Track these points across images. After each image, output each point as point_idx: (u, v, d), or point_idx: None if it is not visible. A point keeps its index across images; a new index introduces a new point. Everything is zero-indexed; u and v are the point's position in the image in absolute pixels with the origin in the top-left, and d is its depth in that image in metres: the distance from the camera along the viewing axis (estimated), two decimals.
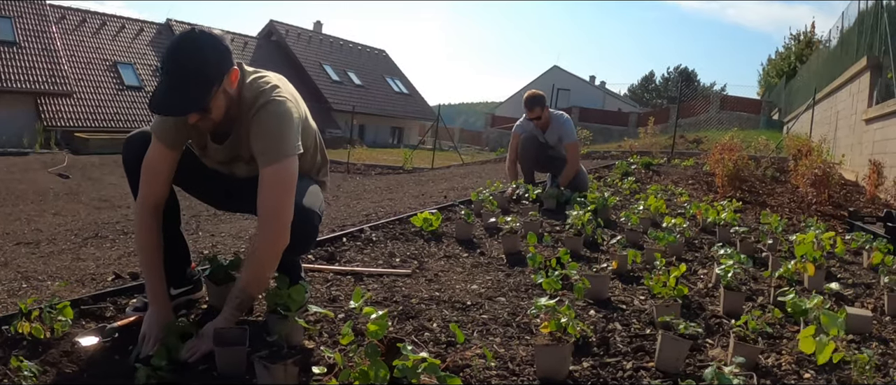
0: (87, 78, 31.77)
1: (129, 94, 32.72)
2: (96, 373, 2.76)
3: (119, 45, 35.65)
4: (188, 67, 2.81)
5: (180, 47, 2.83)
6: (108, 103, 31.47)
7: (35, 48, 28.82)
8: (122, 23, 37.54)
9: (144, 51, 36.51)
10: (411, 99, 50.57)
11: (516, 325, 3.49)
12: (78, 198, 13.95)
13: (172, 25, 39.80)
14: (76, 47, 33.09)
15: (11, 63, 27.39)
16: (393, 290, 4.01)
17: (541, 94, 8.21)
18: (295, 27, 48.02)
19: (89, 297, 3.63)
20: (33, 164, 19.44)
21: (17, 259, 5.93)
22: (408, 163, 21.16)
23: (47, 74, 28.06)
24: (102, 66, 33.39)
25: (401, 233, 5.67)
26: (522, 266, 4.81)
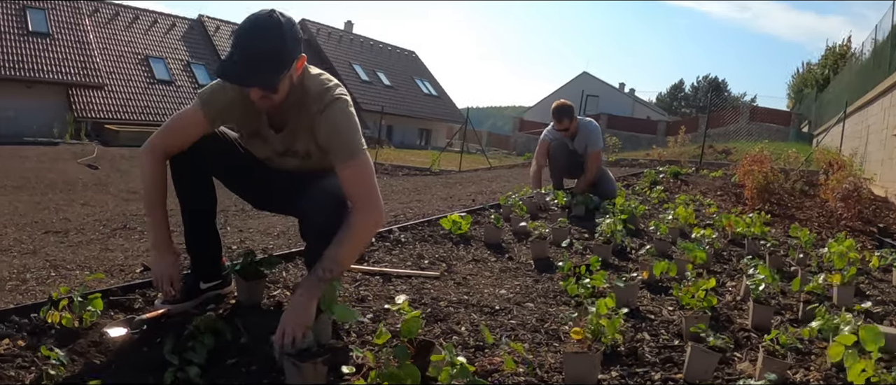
0: (118, 71, 32.02)
1: (159, 88, 32.96)
2: (124, 364, 2.76)
3: (151, 39, 35.93)
4: (267, 45, 2.87)
5: (263, 25, 2.88)
6: (138, 96, 31.72)
7: (68, 40, 29.09)
8: (155, 17, 37.82)
9: (176, 45, 36.77)
10: (440, 101, 50.60)
11: (545, 331, 3.46)
12: (106, 189, 14.04)
13: (204, 21, 40.09)
14: (108, 40, 33.36)
15: (44, 54, 27.65)
16: (421, 292, 4.00)
17: (570, 105, 8.16)
18: (325, 26, 48.18)
19: (118, 288, 3.64)
20: (63, 154, 19.57)
21: (45, 247, 5.96)
22: (435, 165, 21.17)
23: (79, 66, 28.30)
24: (134, 59, 33.65)
25: (429, 235, 5.65)
26: (551, 272, 4.78)
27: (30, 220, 8.87)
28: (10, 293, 4.04)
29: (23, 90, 26.80)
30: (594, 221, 6.46)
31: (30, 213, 10.32)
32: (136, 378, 2.65)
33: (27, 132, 24.76)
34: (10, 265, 5.05)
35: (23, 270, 4.73)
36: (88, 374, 2.63)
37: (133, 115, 30.25)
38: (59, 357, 2.59)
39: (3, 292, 4.08)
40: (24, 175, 15.33)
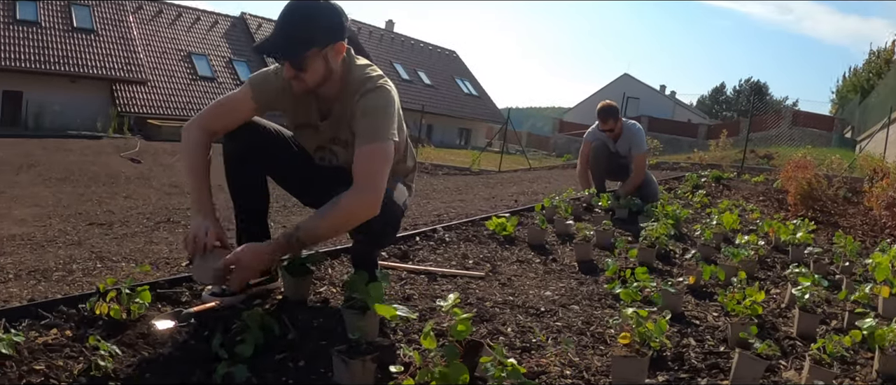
0: (161, 67, 32.41)
1: (201, 84, 33.30)
2: (173, 357, 2.76)
3: (194, 36, 36.33)
4: (296, 19, 2.93)
5: (303, 5, 2.96)
6: (181, 92, 32.09)
7: (112, 36, 29.45)
8: (198, 15, 38.23)
9: (218, 43, 37.13)
10: (480, 101, 50.59)
11: (591, 334, 3.43)
12: (149, 182, 14.16)
13: (246, 19, 40.44)
14: (152, 37, 33.78)
15: (89, 50, 28.01)
16: (467, 292, 3.97)
17: (615, 106, 8.13)
18: (367, 25, 48.37)
19: (165, 281, 3.65)
20: (106, 147, 19.81)
21: (90, 239, 6.01)
22: (475, 164, 21.15)
23: (123, 62, 28.62)
24: (177, 55, 34.05)
25: (473, 235, 5.63)
26: (595, 275, 4.75)
27: (74, 212, 8.96)
28: (57, 284, 4.07)
29: (67, 85, 27.18)
30: (638, 225, 6.45)
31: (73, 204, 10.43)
32: (184, 371, 2.65)
33: (71, 126, 25.16)
34: (57, 256, 5.09)
35: (69, 261, 4.77)
36: (137, 366, 2.63)
37: (175, 111, 30.58)
38: (108, 348, 2.59)
39: (50, 282, 4.10)
40: (68, 168, 15.53)
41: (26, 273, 4.40)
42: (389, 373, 2.54)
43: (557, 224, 6.16)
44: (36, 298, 3.50)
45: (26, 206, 10.33)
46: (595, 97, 65.97)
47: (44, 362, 2.64)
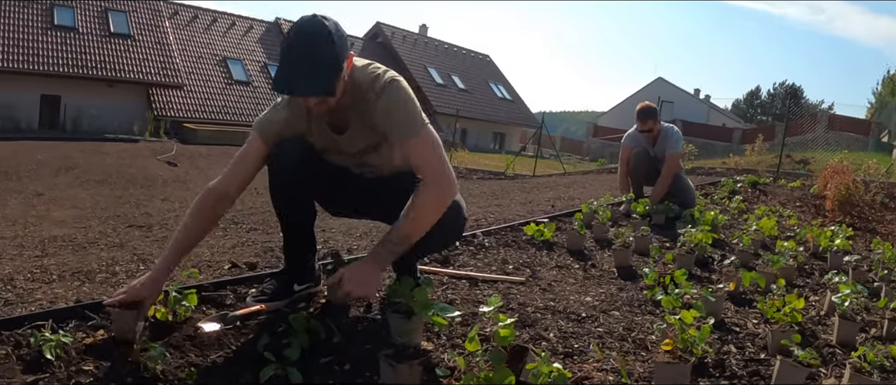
0: (197, 71, 32.68)
1: (237, 89, 33.54)
2: (219, 359, 2.78)
3: (229, 41, 36.60)
4: (321, 51, 2.83)
5: (312, 32, 2.85)
6: (216, 96, 32.33)
7: (148, 41, 29.75)
8: (233, 20, 38.51)
9: (253, 47, 37.37)
10: (514, 105, 50.53)
11: (632, 340, 3.42)
12: (186, 185, 14.28)
13: (281, 24, 40.61)
14: (187, 42, 34.09)
15: (126, 55, 28.32)
16: (508, 297, 3.96)
17: (654, 107, 8.08)
18: (401, 29, 48.50)
19: (210, 284, 3.68)
20: (143, 151, 20.00)
21: (131, 241, 6.06)
22: (510, 169, 21.12)
23: (159, 67, 28.90)
24: (212, 60, 34.32)
25: (513, 240, 5.61)
26: (634, 281, 4.73)
27: (112, 214, 9.05)
28: (100, 285, 4.10)
29: (104, 89, 27.48)
30: (675, 230, 6.44)
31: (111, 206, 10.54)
32: (232, 373, 2.68)
33: (108, 129, 25.46)
34: (99, 257, 5.14)
35: (112, 263, 4.80)
36: (185, 368, 2.66)
37: (211, 115, 30.82)
38: (156, 349, 2.61)
39: (94, 284, 4.14)
40: (106, 170, 15.70)
41: (70, 274, 4.44)
42: (435, 376, 2.55)
43: (596, 229, 6.14)
44: (82, 300, 3.53)
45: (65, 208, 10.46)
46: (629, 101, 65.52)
47: (92, 363, 2.66)
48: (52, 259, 5.24)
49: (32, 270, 4.63)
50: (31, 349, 2.72)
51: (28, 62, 25.50)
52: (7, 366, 2.61)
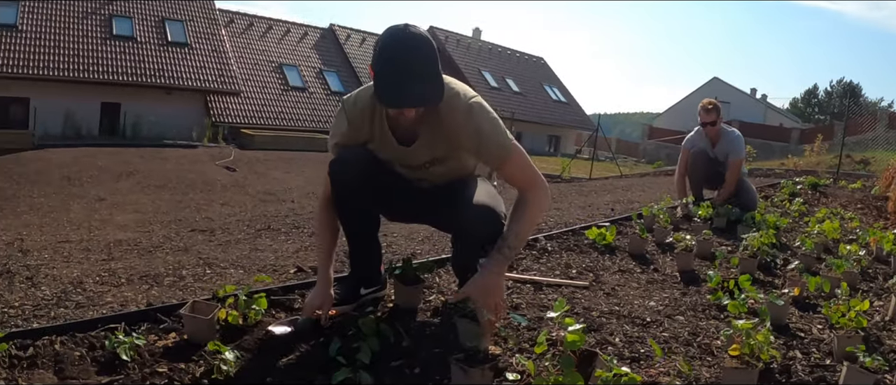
0: (253, 78, 32.98)
1: (293, 95, 33.80)
2: (290, 363, 2.82)
3: (284, 48, 36.89)
4: (429, 61, 2.81)
5: (415, 43, 2.81)
6: (273, 102, 32.62)
7: (205, 49, 30.06)
8: (288, 27, 38.80)
9: (308, 54, 37.62)
10: (569, 107, 50.22)
11: (697, 345, 3.39)
12: (244, 190, 14.44)
13: (335, 30, 40.89)
14: (244, 49, 34.40)
15: (183, 63, 28.66)
16: (573, 302, 3.94)
17: (718, 103, 7.96)
18: (454, 33, 48.49)
19: (278, 288, 3.73)
20: (201, 156, 20.26)
21: (195, 245, 6.12)
22: (566, 172, 21.01)
23: (216, 74, 29.19)
24: (268, 67, 34.61)
25: (575, 244, 5.58)
26: (697, 285, 4.68)
27: (173, 218, 9.17)
28: (169, 288, 4.15)
29: (163, 96, 27.85)
30: (736, 234, 6.36)
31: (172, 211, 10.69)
32: (304, 376, 2.70)
33: (167, 135, 25.83)
34: (165, 261, 5.20)
35: (178, 267, 4.86)
36: (257, 371, 2.67)
37: (268, 121, 31.12)
38: (229, 352, 2.63)
39: (162, 288, 4.19)
40: (166, 175, 15.94)
41: (138, 278, 4.50)
42: (505, 380, 2.55)
43: (657, 233, 6.08)
44: (152, 303, 3.57)
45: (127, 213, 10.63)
46: (685, 102, 64.87)
47: (166, 365, 2.70)
48: (118, 263, 5.31)
49: (100, 274, 4.70)
50: (105, 351, 2.78)
51: (88, 71, 25.93)
52: (82, 367, 2.67)
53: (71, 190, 14.17)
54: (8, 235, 7.86)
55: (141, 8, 30.46)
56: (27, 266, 5.30)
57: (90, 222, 9.17)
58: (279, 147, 24.60)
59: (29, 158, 17.97)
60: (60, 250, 6.20)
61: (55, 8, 27.87)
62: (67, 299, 3.95)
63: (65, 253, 6.03)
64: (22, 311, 3.69)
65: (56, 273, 4.91)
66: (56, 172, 15.99)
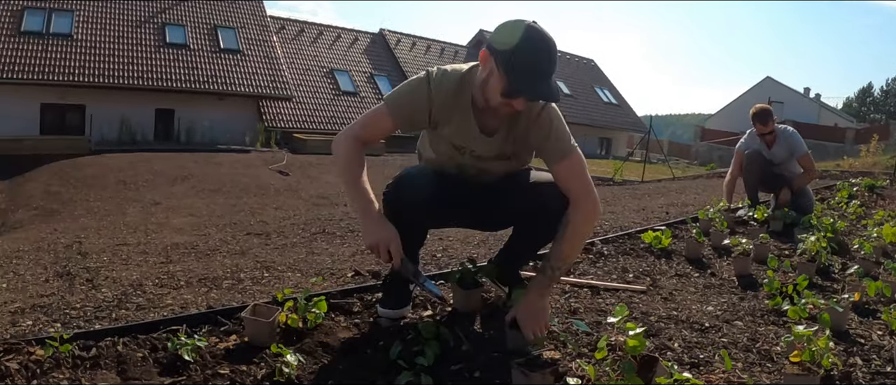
0: (305, 83, 33.25)
1: (344, 99, 33.99)
2: (351, 365, 2.83)
3: (335, 53, 37.12)
4: (555, 57, 2.94)
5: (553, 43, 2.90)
6: (324, 107, 32.85)
7: (257, 55, 30.37)
8: (338, 32, 39.05)
9: (359, 59, 37.81)
10: (620, 109, 49.81)
11: (756, 351, 3.34)
12: (297, 194, 14.53)
13: (385, 35, 41.06)
14: (295, 55, 34.69)
15: (236, 69, 28.97)
16: (630, 307, 3.91)
17: (770, 108, 7.81)
18: None
19: (337, 292, 3.74)
20: (255, 160, 20.44)
21: (252, 249, 6.16)
22: (618, 175, 20.84)
23: (268, 80, 29.46)
24: (319, 72, 34.85)
25: (631, 248, 5.55)
26: (754, 290, 4.61)
27: (228, 222, 9.24)
28: (228, 291, 4.17)
29: (215, 102, 28.17)
30: (793, 237, 6.26)
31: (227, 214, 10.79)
32: (364, 379, 2.70)
33: (220, 140, 26.16)
34: (223, 264, 5.23)
35: (236, 270, 4.89)
36: (317, 373, 2.71)
37: (320, 125, 31.32)
38: (290, 355, 2.63)
39: (221, 290, 4.21)
40: (220, 179, 16.11)
41: (196, 280, 4.54)
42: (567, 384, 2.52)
43: (713, 237, 6.01)
44: (213, 306, 3.59)
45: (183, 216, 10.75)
46: (737, 103, 63.98)
47: (227, 366, 2.71)
48: (177, 265, 5.37)
49: (159, 276, 4.75)
50: (167, 352, 2.80)
51: (143, 78, 26.33)
52: (144, 368, 2.70)
53: (126, 194, 14.40)
54: (66, 238, 7.98)
55: (194, 16, 30.96)
56: (87, 268, 5.38)
57: (146, 225, 9.27)
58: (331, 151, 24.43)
59: (85, 163, 18.28)
60: (118, 253, 6.28)
61: (109, 17, 28.44)
62: (128, 301, 4.00)
63: (123, 255, 6.11)
64: (83, 313, 3.74)
65: (115, 275, 4.97)
66: (112, 177, 16.25)
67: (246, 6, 33.08)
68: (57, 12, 27.14)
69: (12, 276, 5.59)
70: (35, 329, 3.44)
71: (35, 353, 2.69)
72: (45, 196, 14.65)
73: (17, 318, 3.72)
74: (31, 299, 4.34)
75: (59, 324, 3.50)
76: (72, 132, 25.22)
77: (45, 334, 3.01)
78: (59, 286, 4.81)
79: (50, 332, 3.10)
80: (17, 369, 2.56)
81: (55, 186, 15.52)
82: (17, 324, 3.59)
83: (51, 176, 16.79)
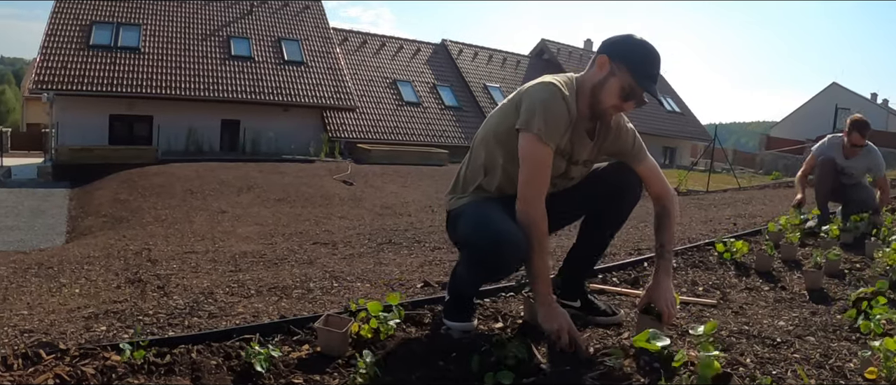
0: (368, 94, 33.48)
1: (407, 110, 34.16)
2: (426, 377, 2.81)
3: (398, 64, 37.33)
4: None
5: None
6: (388, 117, 33.05)
7: (321, 67, 30.70)
8: (401, 44, 39.27)
9: (422, 69, 37.97)
10: (683, 118, 49.18)
11: (830, 367, 3.24)
12: (361, 203, 14.59)
13: (448, 45, 41.13)
14: (358, 66, 34.98)
15: (300, 81, 29.32)
16: (701, 320, 3.85)
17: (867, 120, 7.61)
18: (566, 45, 48.23)
19: (409, 303, 3.74)
20: (319, 170, 20.60)
21: (320, 258, 6.18)
22: (682, 185, 20.57)
23: (332, 91, 29.74)
24: (383, 83, 35.08)
25: (700, 260, 5.48)
26: (826, 304, 4.51)
27: (294, 231, 9.31)
28: (298, 301, 4.18)
29: (280, 113, 28.52)
30: (865, 250, 6.09)
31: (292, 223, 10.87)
32: None
33: (285, 150, 26.50)
34: (292, 274, 5.26)
35: (305, 280, 4.90)
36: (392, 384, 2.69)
37: (383, 135, 31.53)
38: (363, 365, 2.64)
39: (291, 300, 4.22)
40: (284, 189, 16.25)
41: (266, 289, 4.57)
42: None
43: (783, 250, 5.87)
44: (285, 315, 3.60)
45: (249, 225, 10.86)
46: (802, 110, 62.77)
47: (301, 376, 2.71)
48: (246, 274, 5.41)
49: (230, 285, 4.78)
50: (240, 361, 2.80)
51: (209, 90, 26.80)
52: (218, 376, 2.72)
53: (193, 202, 14.60)
54: (135, 245, 8.11)
55: (258, 29, 31.51)
56: (157, 275, 5.45)
57: (213, 234, 9.38)
58: (394, 161, 24.95)
59: (153, 172, 18.62)
60: (187, 260, 6.36)
61: (175, 31, 29.12)
62: (199, 309, 4.03)
63: (192, 263, 6.17)
64: (156, 319, 3.78)
65: (186, 282, 5.02)
66: (179, 186, 16.51)
67: (309, 19, 33.58)
68: (124, 26, 27.83)
69: (84, 281, 5.69)
70: (109, 334, 3.49)
71: (110, 358, 2.72)
72: (114, 204, 14.94)
73: (90, 324, 3.78)
74: (104, 305, 4.40)
75: (133, 330, 3.53)
76: (140, 142, 25.80)
77: (119, 340, 3.04)
78: (131, 292, 4.88)
79: (124, 338, 3.13)
80: (92, 374, 2.59)
81: (123, 195, 15.82)
82: (91, 329, 3.64)
83: (119, 184, 17.13)
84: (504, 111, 3.27)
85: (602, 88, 3.20)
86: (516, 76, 41.23)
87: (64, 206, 16.11)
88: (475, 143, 3.44)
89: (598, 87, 3.21)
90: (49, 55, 25.08)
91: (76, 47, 25.89)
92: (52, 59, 25.00)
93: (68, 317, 4.13)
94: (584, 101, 3.24)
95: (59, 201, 16.67)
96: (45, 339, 3.43)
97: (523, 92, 3.21)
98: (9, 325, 4.03)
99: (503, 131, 3.24)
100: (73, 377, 2.54)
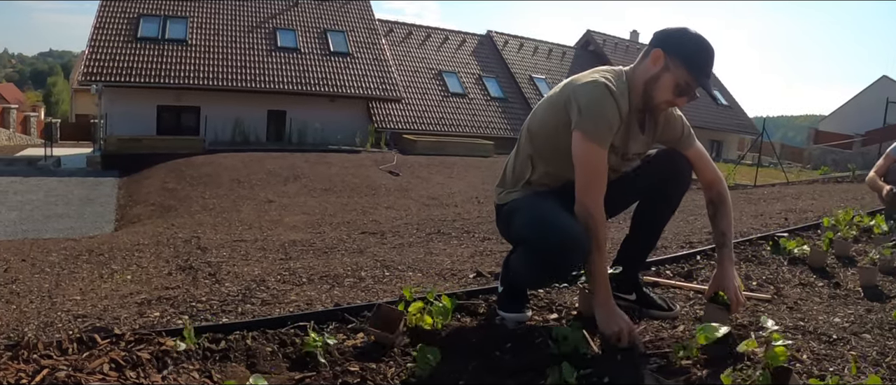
0: (414, 85, 33.55)
1: (453, 101, 34.19)
2: (480, 366, 2.80)
3: (443, 55, 37.35)
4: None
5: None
6: (433, 108, 33.11)
7: (367, 58, 30.80)
8: (446, 35, 39.29)
9: (467, 60, 37.96)
10: (731, 111, 48.60)
11: (886, 365, 3.20)
12: (408, 194, 14.60)
13: (493, 37, 41.07)
14: (404, 57, 35.07)
15: (346, 72, 29.46)
16: (755, 315, 3.79)
17: None
18: (612, 37, 47.94)
19: (463, 293, 3.74)
20: (365, 161, 20.67)
21: (369, 248, 6.18)
22: (730, 179, 20.34)
23: (378, 82, 29.82)
24: (428, 74, 35.14)
25: (753, 255, 5.42)
26: (881, 301, 4.42)
27: (342, 221, 9.33)
28: (350, 289, 4.18)
29: (326, 104, 28.66)
30: None
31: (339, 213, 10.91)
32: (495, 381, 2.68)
33: (331, 141, 26.66)
34: (343, 262, 5.26)
35: (356, 268, 4.91)
36: (447, 374, 2.69)
37: (429, 126, 31.61)
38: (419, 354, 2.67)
39: (343, 288, 4.22)
40: (331, 179, 16.32)
41: (318, 278, 4.58)
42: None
43: (837, 246, 5.75)
44: (338, 303, 3.60)
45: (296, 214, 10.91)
46: (851, 104, 61.48)
47: (357, 364, 2.71)
48: (296, 262, 5.42)
49: (281, 273, 4.79)
50: (295, 348, 2.81)
51: (255, 81, 27.05)
52: (274, 362, 2.75)
53: (240, 192, 14.72)
54: (184, 233, 8.17)
55: (303, 21, 31.75)
56: (208, 262, 5.48)
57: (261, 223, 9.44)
58: (440, 152, 25.05)
59: (200, 162, 18.81)
60: (237, 248, 6.39)
61: (222, 23, 29.46)
62: (252, 296, 4.04)
63: (242, 251, 6.20)
64: (210, 306, 3.80)
65: (237, 270, 5.04)
66: (226, 175, 16.66)
67: (354, 10, 33.67)
68: (171, 19, 28.25)
69: (136, 268, 5.74)
70: (163, 320, 3.52)
71: (165, 343, 2.74)
72: (162, 192, 15.13)
73: (144, 310, 3.81)
74: (156, 291, 4.44)
75: (187, 316, 3.55)
76: (187, 132, 26.18)
77: (173, 326, 3.04)
78: (183, 279, 4.91)
79: (178, 324, 3.14)
80: (148, 359, 2.62)
81: (171, 184, 16.01)
82: (144, 314, 3.67)
83: (167, 173, 17.34)
84: (553, 105, 3.22)
85: (655, 84, 3.16)
86: (562, 68, 41.09)
87: (113, 194, 16.37)
88: (522, 135, 3.42)
89: (650, 83, 3.17)
90: (97, 48, 25.52)
91: (124, 40, 26.29)
92: (101, 51, 25.42)
93: (121, 302, 4.18)
94: (636, 96, 3.20)
95: (107, 190, 16.94)
96: (99, 324, 3.46)
97: (572, 89, 3.13)
98: (62, 310, 4.07)
99: (551, 126, 3.21)
100: (128, 362, 2.56)
